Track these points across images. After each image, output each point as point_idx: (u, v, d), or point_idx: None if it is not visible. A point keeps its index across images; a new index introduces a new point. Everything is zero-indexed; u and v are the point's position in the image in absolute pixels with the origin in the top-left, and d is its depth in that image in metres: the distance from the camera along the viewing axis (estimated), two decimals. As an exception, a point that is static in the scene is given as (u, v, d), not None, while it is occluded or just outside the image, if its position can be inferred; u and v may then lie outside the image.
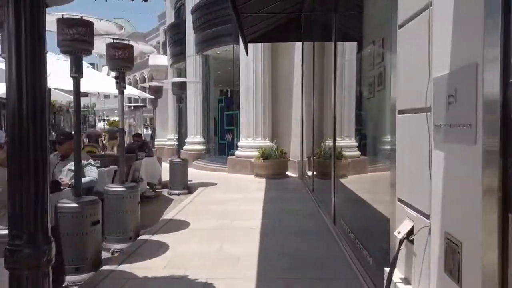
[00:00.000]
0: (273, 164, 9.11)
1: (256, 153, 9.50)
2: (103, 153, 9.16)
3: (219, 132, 12.65)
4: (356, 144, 4.51)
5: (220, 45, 11.64)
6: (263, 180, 8.85)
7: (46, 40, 1.41)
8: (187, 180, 8.26)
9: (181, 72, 14.88)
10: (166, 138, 16.43)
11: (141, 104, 19.35)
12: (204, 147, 12.80)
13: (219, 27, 11.16)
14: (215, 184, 8.64)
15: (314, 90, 7.37)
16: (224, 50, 11.92)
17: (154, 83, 10.01)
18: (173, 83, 8.71)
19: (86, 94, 15.39)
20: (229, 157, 10.66)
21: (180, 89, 8.61)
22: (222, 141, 12.46)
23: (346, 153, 4.67)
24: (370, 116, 3.96)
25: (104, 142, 12.77)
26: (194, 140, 13.00)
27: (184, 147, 13.24)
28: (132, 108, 18.86)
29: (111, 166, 5.75)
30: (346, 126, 4.81)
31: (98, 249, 3.74)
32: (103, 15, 4.15)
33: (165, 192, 8.14)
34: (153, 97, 9.65)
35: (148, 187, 7.70)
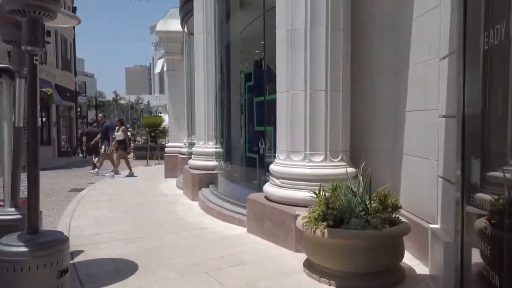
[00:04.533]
0: (362, 244, 3.08)
1: (307, 196, 3.60)
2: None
3: (245, 135, 6.80)
4: None
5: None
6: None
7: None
8: None
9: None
10: (183, 142, 11.00)
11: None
12: (218, 164, 7.04)
13: None
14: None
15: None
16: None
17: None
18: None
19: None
20: (253, 197, 4.77)
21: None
22: (250, 153, 6.59)
23: None
24: None
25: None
26: (204, 150, 7.31)
27: (190, 162, 7.59)
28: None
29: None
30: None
31: None
32: None
33: None
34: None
35: None
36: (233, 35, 7.33)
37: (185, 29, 9.66)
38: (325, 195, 3.48)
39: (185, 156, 9.78)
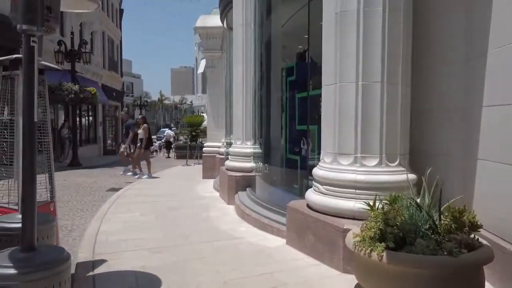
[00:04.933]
0: (431, 274, 2.43)
1: (358, 207, 2.99)
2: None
3: (286, 134, 6.22)
4: None
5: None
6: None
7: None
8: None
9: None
10: (221, 141, 10.63)
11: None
12: (256, 166, 6.53)
13: None
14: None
15: None
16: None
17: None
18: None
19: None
20: (294, 204, 4.19)
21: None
22: (290, 154, 6.01)
23: None
24: None
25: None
26: (241, 151, 6.83)
27: (227, 163, 7.15)
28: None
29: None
30: None
31: None
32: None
33: None
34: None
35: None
36: (274, 28, 6.78)
37: (225, 24, 9.25)
38: (382, 208, 2.85)
39: (223, 156, 9.37)
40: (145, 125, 11.19)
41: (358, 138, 3.47)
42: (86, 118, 23.80)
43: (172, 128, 43.22)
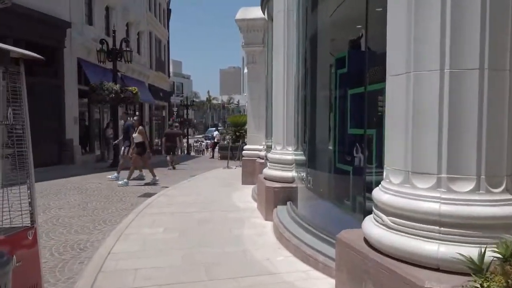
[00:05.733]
0: None
1: (447, 255, 1.94)
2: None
3: (335, 139, 5.13)
4: None
5: None
6: None
7: None
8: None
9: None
10: (262, 144, 9.71)
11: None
12: (298, 176, 5.52)
13: None
14: None
15: None
16: None
17: None
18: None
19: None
20: (346, 237, 3.13)
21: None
22: (341, 164, 4.92)
23: None
24: None
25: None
26: (282, 157, 5.84)
27: (265, 171, 6.22)
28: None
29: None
30: None
31: None
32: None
33: None
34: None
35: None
36: (321, 15, 5.72)
37: (265, 14, 8.31)
38: (497, 263, 1.77)
39: (263, 160, 8.45)
40: (140, 127, 10.08)
41: (443, 150, 2.38)
42: (132, 118, 23.96)
43: (219, 128, 43.13)
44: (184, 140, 28.92)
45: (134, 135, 9.91)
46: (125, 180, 9.56)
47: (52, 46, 13.90)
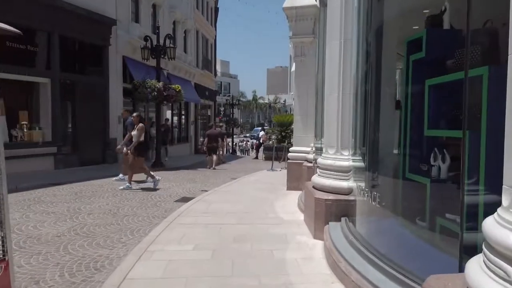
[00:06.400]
0: None
1: None
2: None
3: (405, 143, 4.06)
4: None
5: None
6: None
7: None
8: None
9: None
10: (310, 146, 8.73)
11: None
12: (356, 186, 4.48)
13: None
14: None
15: None
16: None
17: None
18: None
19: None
20: (435, 286, 2.12)
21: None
22: (412, 174, 3.86)
23: None
24: None
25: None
26: (335, 163, 4.82)
27: (314, 179, 5.25)
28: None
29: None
30: None
31: None
32: None
33: None
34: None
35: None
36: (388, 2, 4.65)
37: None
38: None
39: (311, 164, 7.48)
40: (140, 124, 8.76)
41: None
42: (178, 117, 23.81)
43: (265, 127, 42.41)
44: (229, 140, 28.48)
45: (133, 132, 8.76)
46: (127, 184, 8.78)
47: (98, 44, 13.79)
